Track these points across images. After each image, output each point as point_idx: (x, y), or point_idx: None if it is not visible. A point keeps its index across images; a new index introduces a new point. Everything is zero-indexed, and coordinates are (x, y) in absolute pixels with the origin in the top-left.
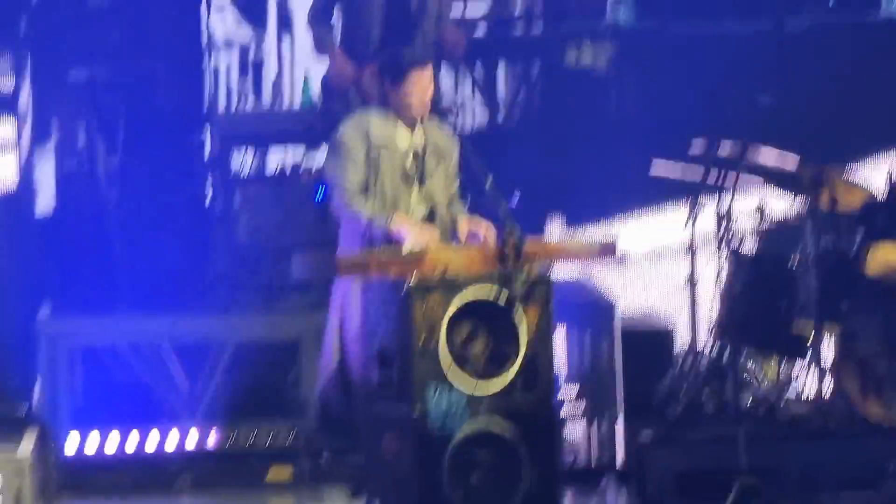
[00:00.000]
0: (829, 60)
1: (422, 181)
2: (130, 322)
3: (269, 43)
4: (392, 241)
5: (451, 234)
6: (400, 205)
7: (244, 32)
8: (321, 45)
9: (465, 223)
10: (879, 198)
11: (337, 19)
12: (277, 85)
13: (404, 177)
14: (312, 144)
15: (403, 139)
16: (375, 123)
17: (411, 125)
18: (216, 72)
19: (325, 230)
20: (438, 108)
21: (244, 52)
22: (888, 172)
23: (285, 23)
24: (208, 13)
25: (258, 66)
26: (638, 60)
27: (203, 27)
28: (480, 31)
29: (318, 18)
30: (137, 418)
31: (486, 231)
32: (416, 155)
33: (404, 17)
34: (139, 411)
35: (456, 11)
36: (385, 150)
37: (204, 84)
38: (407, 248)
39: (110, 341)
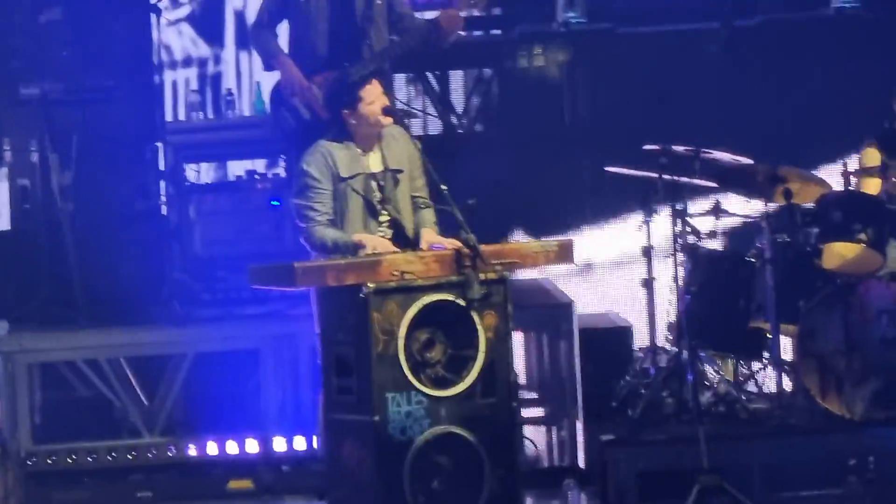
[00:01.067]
0: (781, 56)
1: (385, 205)
2: (88, 336)
3: (225, 56)
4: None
5: (415, 245)
6: (367, 232)
7: (202, 49)
8: (268, 58)
9: (427, 236)
10: (834, 194)
11: (282, 32)
12: (231, 95)
13: (369, 207)
14: (266, 153)
15: (366, 167)
16: (339, 155)
17: (370, 148)
18: (167, 84)
19: (282, 239)
20: (396, 113)
21: (198, 64)
22: (842, 168)
23: (241, 37)
24: (159, 28)
25: (212, 78)
26: (590, 63)
27: (155, 41)
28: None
29: (262, 32)
30: (97, 432)
31: (450, 245)
32: (376, 179)
33: (350, 29)
34: (99, 425)
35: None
36: (352, 184)
37: (157, 97)
38: (363, 253)
39: (68, 356)
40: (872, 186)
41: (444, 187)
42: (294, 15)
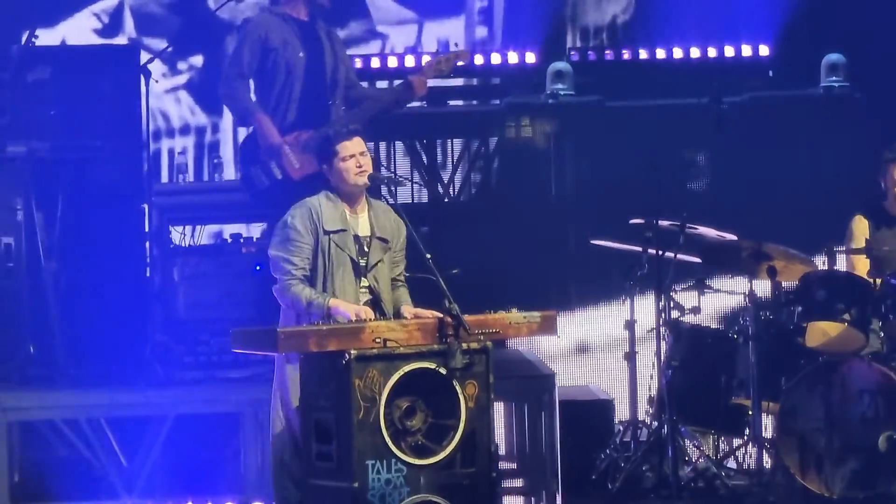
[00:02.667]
0: (769, 133)
1: (367, 269)
2: (68, 396)
3: (223, 125)
4: (330, 319)
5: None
6: (346, 293)
7: (200, 117)
8: (244, 113)
9: (408, 310)
10: (818, 273)
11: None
12: (219, 159)
13: (353, 266)
14: (250, 218)
15: (352, 226)
16: (326, 212)
17: (358, 210)
18: (164, 151)
19: (265, 303)
20: (379, 180)
21: (196, 133)
22: (825, 247)
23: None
24: (148, 88)
25: (210, 146)
26: (578, 135)
27: (143, 102)
28: (422, 106)
29: (237, 84)
30: (76, 494)
31: (433, 316)
32: (363, 243)
33: (322, 89)
34: (78, 486)
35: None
36: (335, 239)
37: (142, 158)
38: (342, 320)
39: (48, 415)
40: (860, 264)
41: (428, 256)
42: (269, 67)
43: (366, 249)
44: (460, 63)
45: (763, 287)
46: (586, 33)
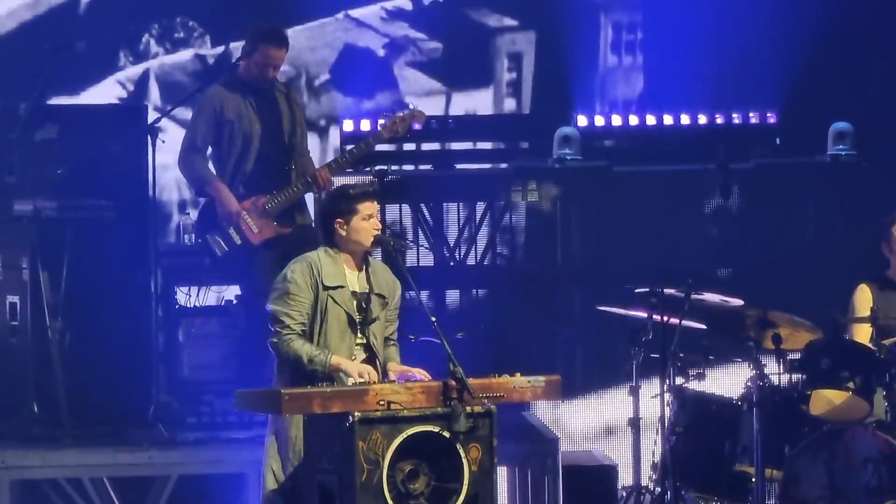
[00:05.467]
0: (775, 200)
1: (364, 326)
2: (71, 455)
3: None
4: (332, 378)
5: (382, 377)
6: (342, 349)
7: None
8: (201, 184)
9: (395, 368)
10: (823, 341)
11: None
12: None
13: (350, 322)
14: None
15: (352, 283)
16: (325, 267)
17: (356, 267)
18: (161, 206)
19: (269, 364)
20: (385, 243)
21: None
22: (832, 316)
23: None
24: (154, 149)
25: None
26: (584, 200)
27: (150, 163)
28: (429, 168)
29: (193, 156)
30: None
31: (419, 374)
32: (360, 299)
33: (278, 153)
34: None
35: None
36: (334, 295)
37: (149, 219)
38: (349, 382)
39: (51, 475)
40: (863, 333)
41: (433, 319)
42: (225, 137)
43: (363, 305)
44: (417, 125)
45: (768, 354)
46: (615, 106)
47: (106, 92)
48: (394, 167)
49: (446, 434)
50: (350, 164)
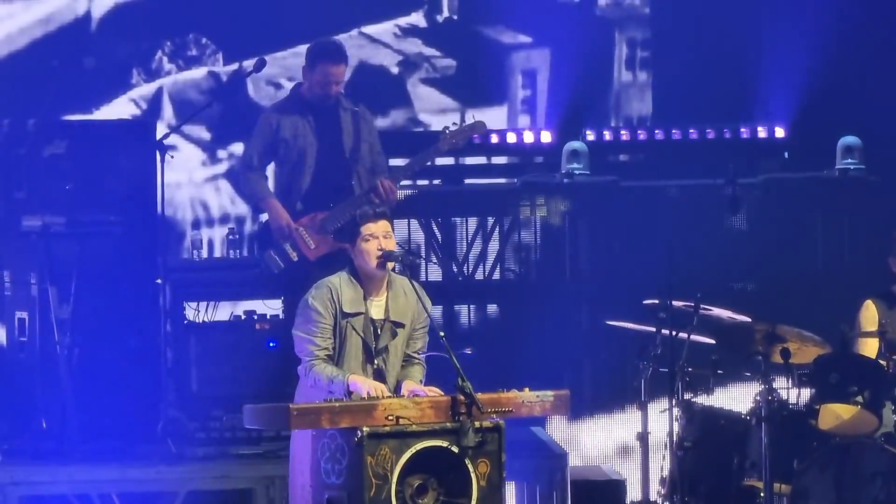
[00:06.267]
0: (784, 215)
1: (377, 354)
2: (80, 471)
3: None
4: (348, 397)
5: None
6: (356, 373)
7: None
8: (256, 200)
9: (408, 386)
10: (831, 355)
11: (270, 172)
12: (234, 235)
13: (365, 349)
14: (265, 294)
15: (370, 309)
16: (345, 293)
17: (375, 288)
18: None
19: (278, 380)
20: (394, 258)
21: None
22: (841, 330)
23: None
24: (162, 165)
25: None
26: (592, 215)
27: (158, 178)
28: (438, 183)
29: (250, 175)
30: None
31: (430, 392)
32: (376, 326)
33: (337, 169)
34: None
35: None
36: (353, 322)
37: (157, 234)
38: (358, 397)
39: (59, 490)
40: (870, 348)
41: (442, 334)
42: (281, 155)
43: (378, 333)
44: (476, 137)
45: (776, 369)
46: (630, 123)
47: (119, 110)
48: (403, 182)
49: (455, 449)
50: (409, 176)
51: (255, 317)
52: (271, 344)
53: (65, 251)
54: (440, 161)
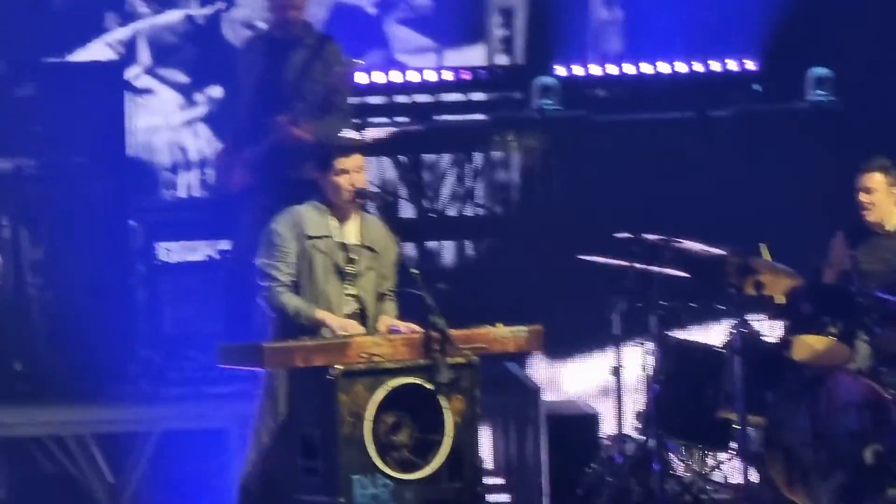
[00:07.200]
0: (755, 147)
1: (353, 278)
2: (54, 413)
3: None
4: (317, 332)
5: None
6: (330, 300)
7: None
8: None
9: (385, 321)
10: (805, 287)
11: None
12: (206, 174)
13: (336, 272)
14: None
15: (337, 233)
16: (310, 217)
17: (344, 218)
18: (141, 162)
19: (251, 319)
20: (371, 194)
21: (202, 161)
22: (814, 262)
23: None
24: (132, 105)
25: (184, 159)
26: (564, 150)
27: (127, 120)
28: (409, 121)
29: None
30: None
31: (407, 329)
32: (349, 250)
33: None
34: (64, 502)
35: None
36: (318, 245)
37: (128, 175)
38: (331, 335)
39: (34, 432)
40: (840, 280)
41: (414, 271)
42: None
43: (353, 257)
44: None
45: (750, 302)
46: (606, 60)
47: (95, 54)
48: (373, 120)
49: (429, 386)
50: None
51: (229, 256)
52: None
53: (37, 193)
54: (414, 98)
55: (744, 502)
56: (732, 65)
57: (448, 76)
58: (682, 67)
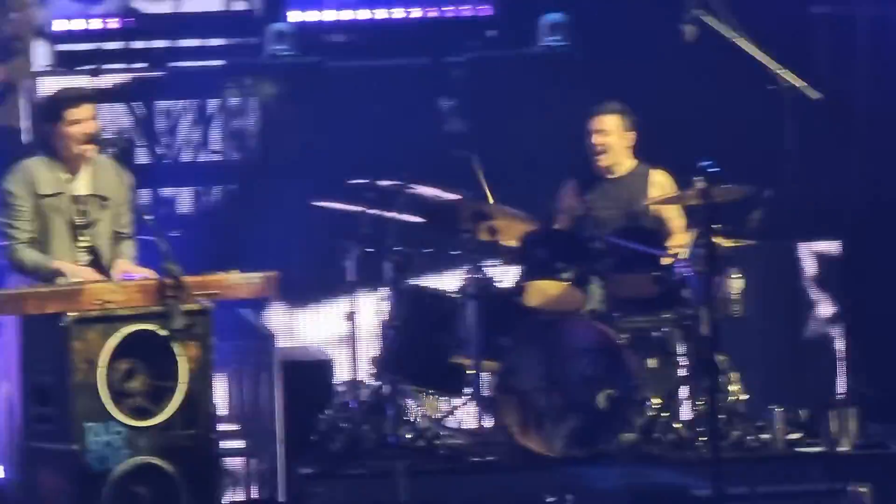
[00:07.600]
0: (491, 93)
1: (86, 228)
2: None
3: None
4: (54, 282)
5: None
6: (65, 255)
7: None
8: None
9: (120, 266)
10: (538, 232)
11: None
12: None
13: (70, 225)
14: None
15: (69, 187)
16: (41, 173)
17: (75, 169)
18: None
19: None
20: (105, 142)
21: None
22: (551, 207)
23: None
24: None
25: None
26: (299, 96)
27: None
28: (144, 66)
29: None
30: None
31: (142, 275)
32: (80, 202)
33: None
34: None
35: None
36: (51, 203)
37: None
38: (64, 281)
39: None
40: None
41: (148, 217)
42: None
43: (84, 209)
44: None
45: (485, 247)
46: (340, 6)
47: None
48: (105, 66)
49: (163, 333)
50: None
51: None
52: None
53: None
54: (149, 44)
55: (477, 448)
56: (467, 10)
57: (183, 21)
58: (416, 13)
